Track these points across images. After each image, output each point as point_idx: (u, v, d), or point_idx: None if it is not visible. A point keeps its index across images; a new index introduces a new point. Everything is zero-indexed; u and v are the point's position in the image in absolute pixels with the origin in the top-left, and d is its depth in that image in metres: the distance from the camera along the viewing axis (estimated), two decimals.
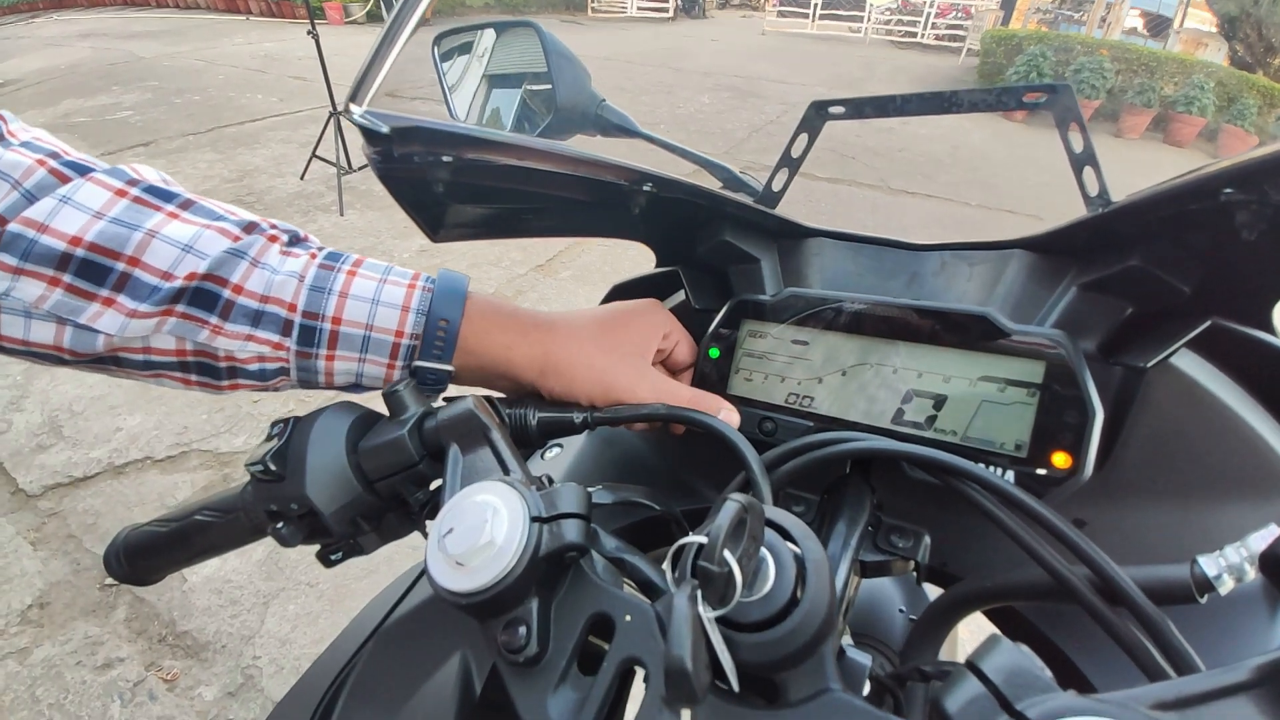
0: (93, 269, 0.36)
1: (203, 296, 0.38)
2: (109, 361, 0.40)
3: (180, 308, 0.38)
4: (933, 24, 13.14)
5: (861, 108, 0.45)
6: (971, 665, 0.20)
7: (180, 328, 0.38)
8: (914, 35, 13.30)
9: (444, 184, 0.40)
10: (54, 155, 0.38)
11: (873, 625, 0.63)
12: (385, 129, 0.34)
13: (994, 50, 8.91)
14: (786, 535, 0.26)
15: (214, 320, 0.39)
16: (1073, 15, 12.26)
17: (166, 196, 0.40)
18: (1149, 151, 7.28)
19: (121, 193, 0.38)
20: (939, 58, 12.09)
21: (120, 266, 0.37)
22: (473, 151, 0.37)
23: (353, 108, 0.35)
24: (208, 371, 0.41)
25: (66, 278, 0.36)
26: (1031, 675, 0.20)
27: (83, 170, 0.38)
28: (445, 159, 0.37)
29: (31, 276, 0.36)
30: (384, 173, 0.38)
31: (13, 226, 0.36)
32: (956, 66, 11.03)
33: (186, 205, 0.40)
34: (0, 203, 0.36)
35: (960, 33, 12.65)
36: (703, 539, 0.22)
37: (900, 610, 0.66)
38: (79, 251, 0.36)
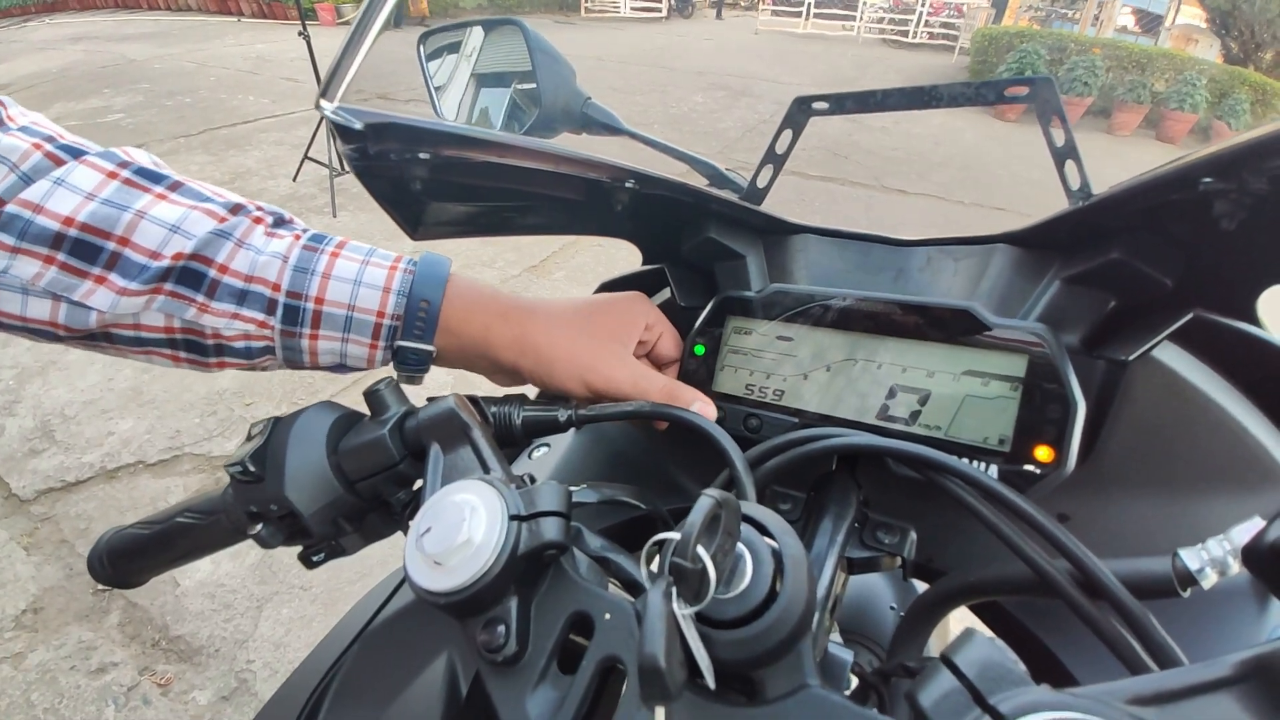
0: (85, 248, 0.38)
1: (189, 275, 0.39)
2: (101, 338, 0.41)
3: (168, 286, 0.39)
4: (925, 23, 13.16)
5: (844, 102, 0.45)
6: (946, 659, 0.20)
7: (168, 305, 0.40)
8: (906, 34, 13.32)
9: (422, 181, 0.39)
10: (50, 139, 0.40)
11: (863, 622, 0.63)
12: (359, 125, 0.34)
13: (985, 49, 8.94)
14: (764, 531, 0.25)
15: (200, 298, 0.40)
16: (1065, 13, 12.30)
17: (156, 178, 0.41)
18: (1141, 148, 7.31)
19: (113, 175, 0.40)
20: (931, 56, 12.11)
21: (111, 246, 0.38)
22: (450, 148, 0.37)
23: (324, 104, 0.35)
24: (195, 349, 0.42)
25: (61, 256, 0.38)
26: (1005, 669, 0.20)
27: (77, 153, 0.40)
28: (422, 156, 0.37)
29: (28, 255, 0.37)
30: (360, 169, 0.38)
31: (10, 207, 0.37)
32: (949, 65, 11.05)
33: (175, 187, 0.41)
34: None
35: (953, 31, 12.68)
36: (677, 535, 0.22)
37: (891, 607, 0.66)
38: (72, 231, 0.37)
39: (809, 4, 14.39)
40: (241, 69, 8.03)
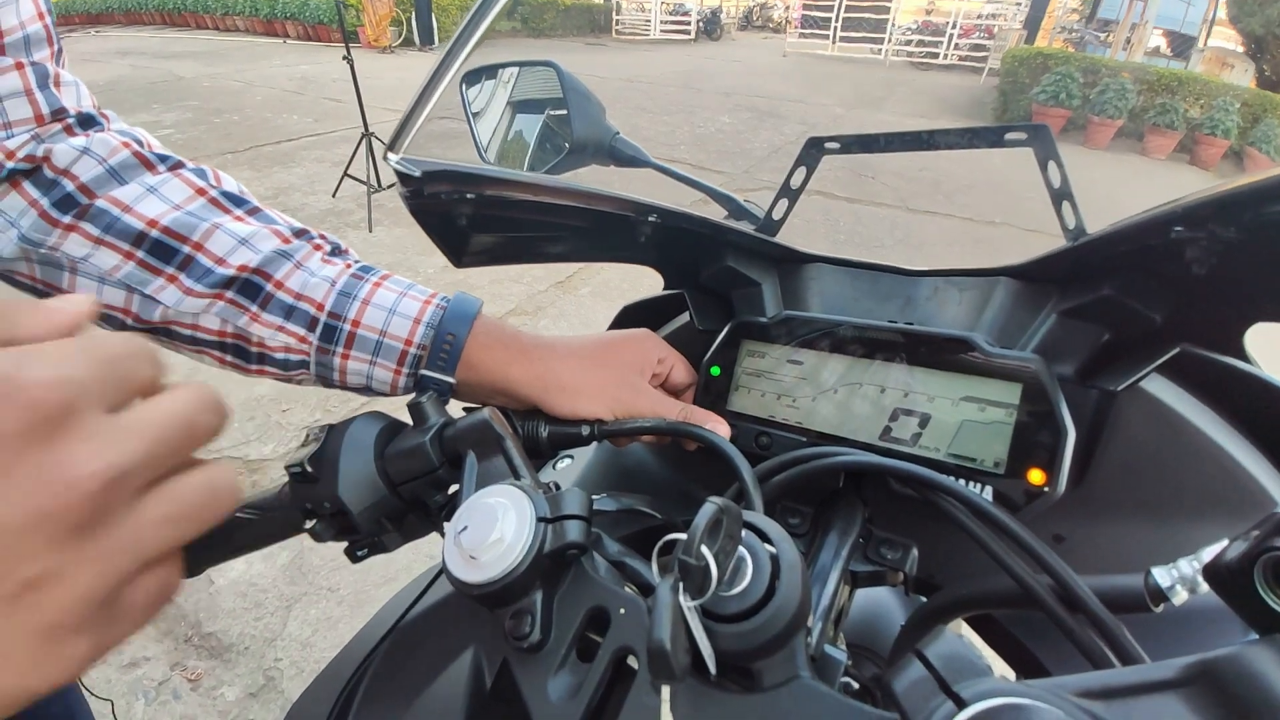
0: (163, 249, 0.42)
1: (249, 287, 0.44)
2: (162, 332, 0.45)
3: (229, 294, 0.43)
4: (955, 44, 13.13)
5: (851, 145, 0.48)
6: (917, 652, 0.23)
7: (226, 311, 0.44)
8: (935, 56, 13.30)
9: (467, 217, 0.44)
10: (140, 143, 0.44)
11: (873, 638, 0.65)
12: (418, 173, 0.38)
13: (1015, 69, 8.88)
14: (765, 537, 0.28)
15: (254, 308, 0.44)
16: (1098, 35, 12.19)
17: (238, 202, 0.46)
18: (1174, 171, 7.20)
19: (202, 191, 0.45)
20: (960, 78, 12.07)
21: (186, 249, 0.43)
22: (492, 189, 0.42)
23: (391, 156, 0.39)
24: (240, 354, 0.46)
25: (140, 254, 0.42)
26: (968, 661, 0.22)
27: (173, 164, 0.45)
28: (469, 196, 0.41)
29: (110, 248, 0.42)
30: (414, 208, 0.42)
31: (100, 202, 0.42)
32: (978, 86, 11.00)
33: (253, 212, 0.46)
34: (87, 174, 0.42)
35: (982, 53, 12.62)
36: (685, 536, 0.25)
37: (902, 625, 0.67)
38: (154, 233, 0.42)
39: (835, 27, 14.47)
40: (286, 89, 8.36)
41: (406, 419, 0.43)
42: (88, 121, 0.45)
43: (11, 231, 0.42)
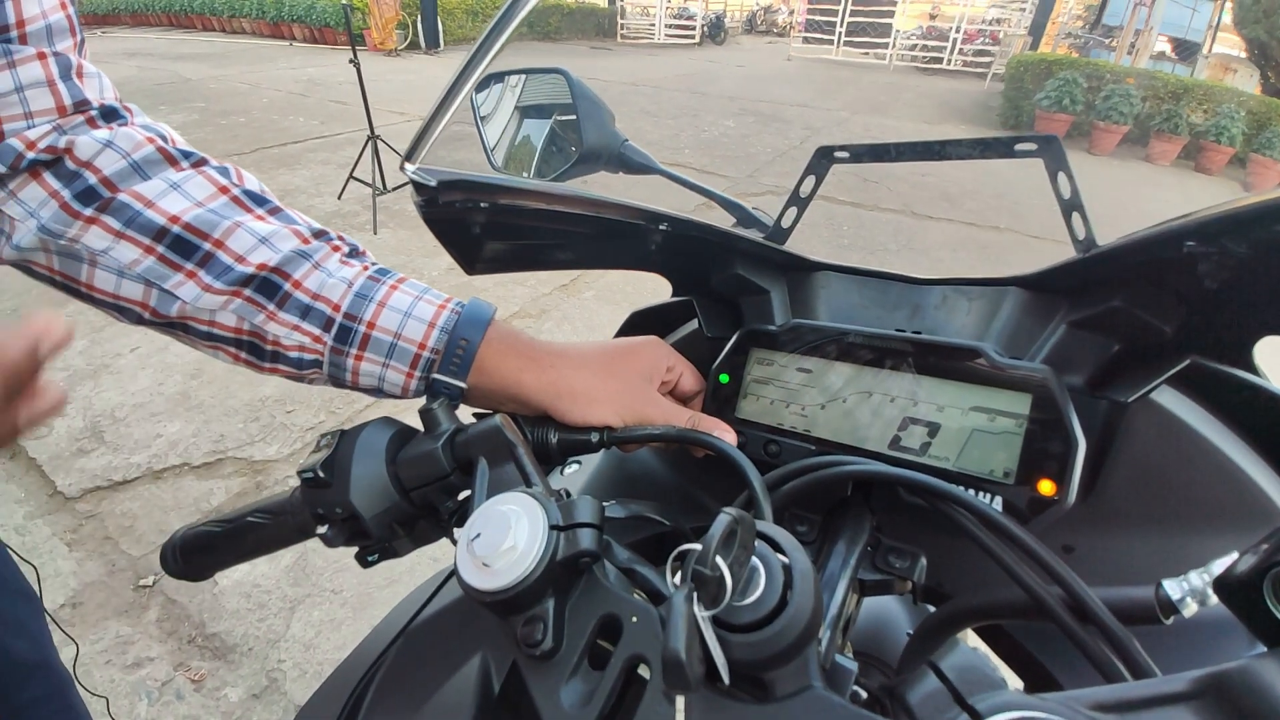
0: (184, 245, 0.42)
1: (267, 285, 0.44)
2: (179, 327, 0.45)
3: (247, 292, 0.44)
4: (960, 50, 13.14)
5: (861, 154, 0.48)
6: (932, 664, 0.23)
7: (243, 309, 0.44)
8: (939, 61, 13.30)
9: (480, 226, 0.44)
10: (164, 138, 0.45)
11: (880, 646, 0.65)
12: (434, 182, 0.39)
13: (1020, 75, 8.88)
14: (777, 547, 0.28)
15: (271, 307, 0.44)
16: (1103, 41, 12.19)
17: (259, 201, 0.46)
18: (1179, 177, 7.20)
19: (224, 189, 0.45)
20: (964, 83, 12.08)
21: (206, 246, 0.43)
22: (506, 198, 0.42)
23: (407, 166, 0.40)
24: (255, 351, 0.46)
25: (160, 249, 0.42)
26: (983, 674, 0.22)
27: (197, 161, 0.45)
28: (483, 205, 0.41)
29: (130, 242, 0.42)
30: (429, 216, 0.42)
31: (122, 196, 0.42)
32: (982, 91, 11.00)
33: (274, 211, 0.46)
34: (110, 168, 0.42)
35: (986, 59, 12.63)
36: (699, 546, 0.25)
37: (908, 633, 0.67)
38: (175, 229, 0.42)
39: (840, 32, 14.50)
40: (292, 91, 8.39)
41: (417, 424, 0.43)
42: (111, 114, 0.45)
43: (31, 222, 0.41)
